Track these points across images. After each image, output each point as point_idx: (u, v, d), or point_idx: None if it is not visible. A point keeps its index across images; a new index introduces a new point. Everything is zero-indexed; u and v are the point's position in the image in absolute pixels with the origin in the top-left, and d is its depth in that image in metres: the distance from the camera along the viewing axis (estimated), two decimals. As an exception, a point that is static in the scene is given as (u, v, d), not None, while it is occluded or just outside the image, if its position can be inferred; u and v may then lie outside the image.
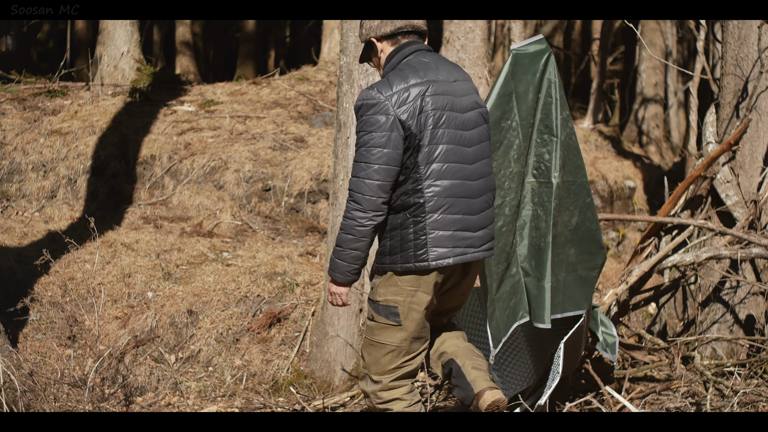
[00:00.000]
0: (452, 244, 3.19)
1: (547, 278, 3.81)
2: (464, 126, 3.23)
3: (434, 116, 3.16)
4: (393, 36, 3.33)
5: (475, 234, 3.25)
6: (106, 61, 10.43)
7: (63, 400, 5.00)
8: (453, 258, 3.19)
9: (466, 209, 3.23)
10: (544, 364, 4.37)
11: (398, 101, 3.12)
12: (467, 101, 3.27)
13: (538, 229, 3.84)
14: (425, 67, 3.21)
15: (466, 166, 3.22)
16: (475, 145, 3.27)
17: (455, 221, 3.20)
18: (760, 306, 5.32)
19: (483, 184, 3.29)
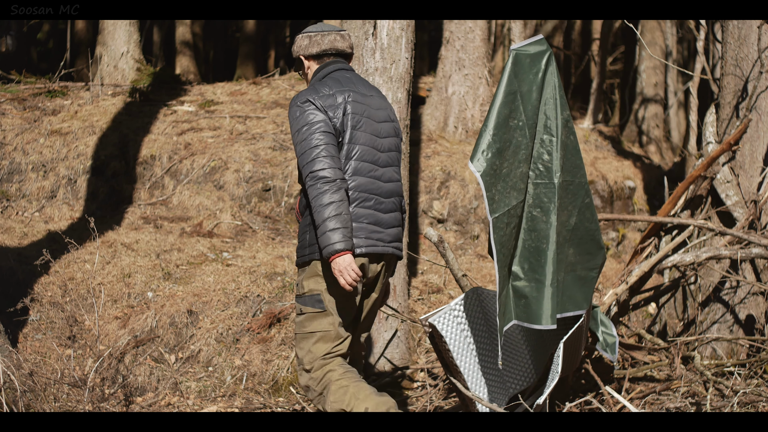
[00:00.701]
0: (364, 234, 3.48)
1: (549, 279, 3.78)
2: (378, 133, 3.62)
3: (354, 119, 3.53)
4: (319, 56, 3.72)
5: (384, 230, 3.57)
6: (106, 61, 10.43)
7: (63, 400, 5.00)
8: (365, 248, 3.47)
9: (376, 206, 3.55)
10: (544, 364, 4.37)
11: (325, 104, 3.49)
12: (381, 114, 3.67)
13: (536, 231, 3.82)
14: (346, 80, 3.61)
15: (379, 168, 3.59)
16: (386, 152, 3.64)
17: (367, 215, 3.51)
18: (760, 306, 5.32)
19: (392, 187, 3.64)
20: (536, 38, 3.85)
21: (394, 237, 3.62)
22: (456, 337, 4.12)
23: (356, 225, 3.48)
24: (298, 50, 3.74)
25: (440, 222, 8.12)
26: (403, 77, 5.56)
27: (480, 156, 3.65)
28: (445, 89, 9.08)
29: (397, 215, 3.66)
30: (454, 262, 4.51)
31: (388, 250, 3.58)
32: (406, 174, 5.65)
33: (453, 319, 4.12)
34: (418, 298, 6.42)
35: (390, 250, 3.59)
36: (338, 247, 3.36)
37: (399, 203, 3.69)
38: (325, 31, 3.71)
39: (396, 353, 5.65)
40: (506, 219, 3.71)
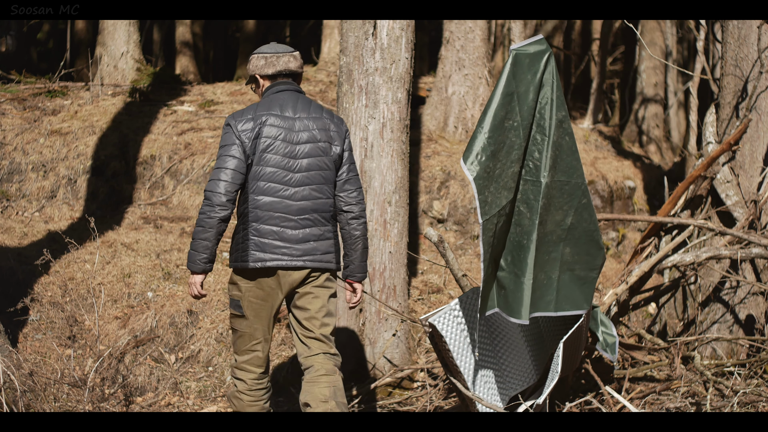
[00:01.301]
0: (269, 250, 3.86)
1: (527, 275, 3.80)
2: (294, 155, 3.90)
3: (265, 142, 3.86)
4: (273, 77, 4.04)
5: (293, 245, 3.89)
6: (106, 61, 10.43)
7: (63, 400, 5.00)
8: (269, 262, 3.85)
9: (282, 223, 3.88)
10: (545, 364, 4.37)
11: (242, 127, 3.86)
12: (303, 135, 3.93)
13: (520, 226, 3.84)
14: (278, 104, 3.94)
15: (289, 188, 3.89)
16: (303, 172, 3.92)
17: (272, 232, 3.87)
18: (760, 306, 5.32)
19: (307, 205, 3.92)
20: (536, 38, 3.85)
21: (307, 251, 3.91)
22: (456, 337, 4.12)
23: (262, 240, 3.85)
24: (254, 69, 4.06)
25: (440, 222, 8.12)
26: (403, 77, 5.56)
27: (474, 159, 3.66)
28: (445, 89, 9.08)
29: (315, 230, 3.94)
30: (454, 262, 4.51)
31: (297, 263, 3.88)
32: (406, 174, 5.66)
33: (453, 319, 4.12)
34: (418, 298, 6.42)
35: (300, 264, 3.89)
36: (193, 269, 3.92)
37: (321, 219, 3.96)
38: (279, 53, 4.02)
39: (396, 353, 5.65)
40: (496, 219, 3.73)
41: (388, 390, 5.49)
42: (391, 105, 5.53)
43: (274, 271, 3.89)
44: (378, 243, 5.55)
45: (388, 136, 5.53)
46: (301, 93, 4.03)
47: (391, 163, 5.55)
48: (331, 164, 3.98)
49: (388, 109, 5.53)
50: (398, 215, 5.60)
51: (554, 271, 3.89)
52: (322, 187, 3.96)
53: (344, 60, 5.59)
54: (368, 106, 5.52)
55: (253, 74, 4.07)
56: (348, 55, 5.57)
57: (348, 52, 5.57)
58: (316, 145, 3.94)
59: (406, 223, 5.68)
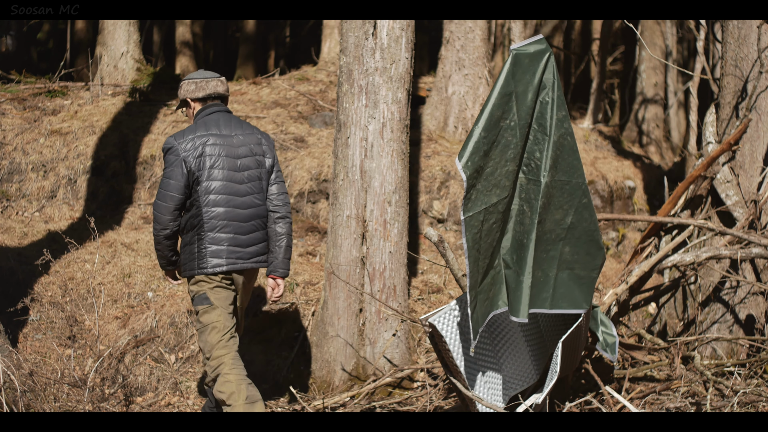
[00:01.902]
0: (225, 255, 4.27)
1: (526, 274, 3.81)
2: (237, 168, 4.34)
3: (211, 159, 4.27)
4: (203, 100, 4.45)
5: (245, 249, 4.33)
6: (106, 61, 10.43)
7: (63, 400, 5.00)
8: (226, 266, 4.27)
9: (235, 230, 4.31)
10: (545, 364, 4.37)
11: (186, 147, 4.25)
12: (242, 150, 4.38)
13: (522, 225, 3.85)
14: (215, 124, 4.36)
15: (237, 198, 4.32)
16: (246, 183, 4.37)
17: (227, 239, 4.28)
18: (760, 306, 5.33)
19: (252, 212, 4.37)
20: (536, 38, 3.85)
21: (254, 253, 4.38)
22: (456, 337, 4.12)
23: (218, 248, 4.27)
24: (185, 94, 4.45)
25: (440, 222, 8.13)
26: (403, 77, 5.56)
27: (468, 159, 3.67)
28: (445, 89, 9.09)
29: (258, 234, 4.41)
30: (454, 262, 4.51)
31: (248, 265, 4.35)
32: (406, 174, 5.66)
33: (453, 319, 4.12)
34: (418, 298, 6.42)
35: (249, 265, 4.36)
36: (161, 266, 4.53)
37: (262, 223, 4.42)
38: (208, 78, 4.45)
39: (396, 353, 5.65)
40: (482, 216, 3.73)
41: (388, 390, 5.49)
42: (391, 105, 5.53)
43: (230, 274, 4.33)
44: (378, 243, 5.56)
45: (388, 136, 5.53)
46: (230, 113, 4.49)
47: (391, 163, 5.55)
48: (265, 174, 4.46)
49: (388, 109, 5.53)
50: (398, 215, 5.61)
51: (552, 269, 3.90)
52: (261, 195, 4.43)
53: (344, 60, 5.59)
54: (368, 106, 5.52)
55: (185, 98, 4.47)
56: (348, 55, 5.57)
57: (348, 52, 5.57)
58: (254, 158, 4.41)
59: (406, 223, 5.68)
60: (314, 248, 7.20)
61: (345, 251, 5.57)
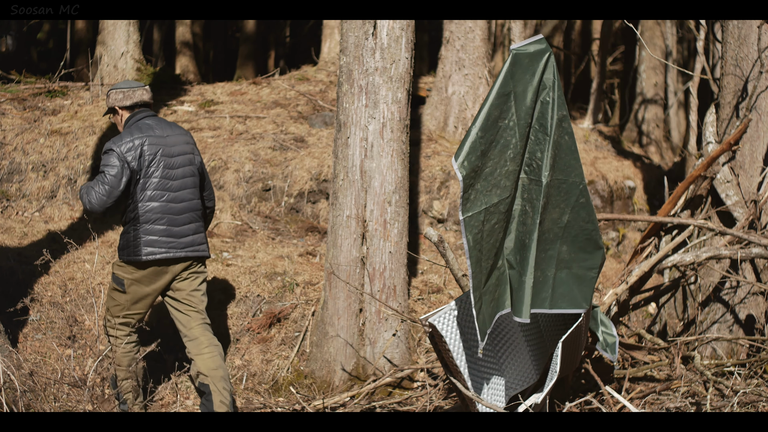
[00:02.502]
0: (159, 245, 4.71)
1: (528, 274, 3.81)
2: (172, 166, 4.79)
3: (149, 159, 4.71)
4: (131, 108, 4.87)
5: (178, 240, 4.77)
6: (106, 61, 10.43)
7: (63, 400, 5.00)
8: (159, 255, 4.70)
9: (169, 223, 4.75)
10: (545, 364, 4.37)
11: (126, 149, 4.68)
12: (177, 149, 4.83)
13: (525, 225, 3.85)
14: (146, 127, 4.79)
15: (172, 193, 4.77)
16: (180, 179, 4.81)
17: (161, 230, 4.73)
18: (760, 306, 5.33)
19: (186, 205, 4.83)
20: (536, 38, 3.85)
21: (189, 243, 4.82)
22: (456, 337, 4.12)
23: (152, 238, 4.70)
24: (114, 102, 4.86)
25: (440, 222, 8.12)
26: (403, 77, 5.56)
27: (465, 158, 3.67)
28: (445, 89, 9.09)
29: (192, 226, 4.85)
30: (454, 262, 4.51)
31: (181, 254, 4.78)
32: (406, 174, 5.66)
33: (453, 319, 4.12)
34: (418, 298, 6.42)
35: (183, 255, 4.78)
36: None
37: (195, 216, 4.88)
38: (134, 87, 4.86)
39: (396, 353, 5.65)
40: (482, 216, 3.73)
41: (388, 390, 5.49)
42: (391, 105, 5.53)
43: (162, 262, 4.75)
44: (378, 243, 5.55)
45: (388, 136, 5.53)
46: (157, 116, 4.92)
47: (391, 163, 5.55)
48: (197, 171, 4.94)
49: (388, 109, 5.53)
50: (398, 215, 5.60)
51: (550, 268, 3.90)
52: (194, 190, 4.89)
53: (344, 60, 5.59)
54: (368, 106, 5.52)
55: (113, 106, 4.89)
56: (348, 55, 5.57)
57: (348, 52, 5.57)
58: (186, 156, 4.87)
59: (406, 223, 5.68)
60: (314, 248, 7.20)
61: (345, 251, 5.57)
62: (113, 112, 4.94)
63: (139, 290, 4.80)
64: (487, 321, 3.82)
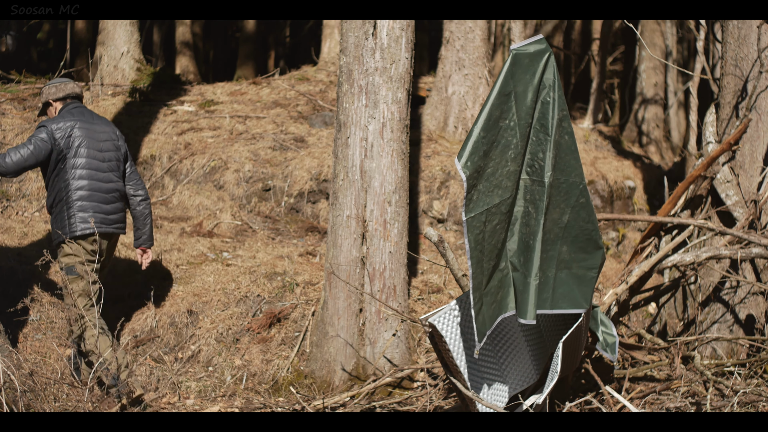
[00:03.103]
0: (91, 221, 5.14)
1: (533, 275, 3.81)
2: (99, 149, 5.29)
3: (78, 141, 5.19)
4: (63, 99, 5.36)
5: (107, 216, 5.25)
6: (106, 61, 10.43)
7: (63, 400, 5.00)
8: (90, 230, 5.14)
9: (99, 200, 5.22)
10: (545, 364, 4.37)
11: (57, 128, 5.14)
12: (103, 135, 5.33)
13: (528, 226, 3.85)
14: (79, 114, 5.29)
15: (100, 173, 5.26)
16: (107, 162, 5.31)
17: (92, 206, 5.18)
18: (760, 306, 5.33)
19: (112, 186, 5.31)
20: (536, 38, 3.85)
21: (115, 221, 5.32)
22: (456, 337, 4.12)
23: (83, 214, 5.14)
24: (47, 96, 5.35)
25: (440, 222, 8.13)
26: (403, 77, 5.56)
27: (468, 159, 3.67)
28: (445, 89, 9.09)
29: (118, 205, 5.35)
30: (454, 262, 4.51)
31: (110, 230, 5.28)
32: (406, 174, 5.66)
33: (453, 319, 4.12)
34: (418, 298, 6.42)
35: (112, 230, 5.30)
36: None
37: (120, 196, 5.37)
38: (65, 81, 5.38)
39: (396, 353, 5.65)
40: (484, 217, 3.73)
41: (388, 390, 5.49)
42: (391, 105, 5.53)
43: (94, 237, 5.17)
44: (378, 243, 5.55)
45: (388, 136, 5.53)
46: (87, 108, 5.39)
47: (391, 163, 5.55)
48: (122, 158, 5.43)
49: (388, 109, 5.53)
50: (398, 215, 5.61)
51: (551, 269, 3.90)
52: (119, 173, 5.38)
53: (344, 60, 5.59)
54: (368, 106, 5.52)
55: (47, 100, 5.36)
56: (348, 55, 5.57)
57: (348, 52, 5.57)
58: (113, 142, 5.37)
59: (406, 223, 5.68)
60: (314, 248, 7.20)
61: (345, 251, 5.57)
62: (47, 105, 5.39)
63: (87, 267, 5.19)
64: (487, 323, 3.82)
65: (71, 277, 5.16)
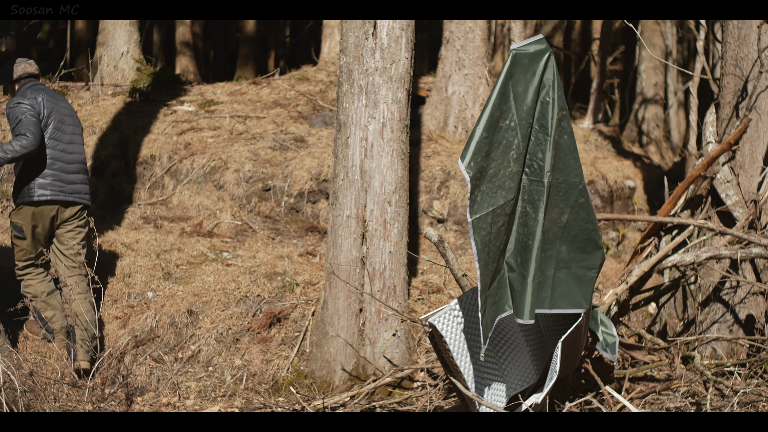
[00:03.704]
0: (50, 188, 5.40)
1: (531, 275, 3.81)
2: (63, 122, 5.56)
3: (47, 113, 5.47)
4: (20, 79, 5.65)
5: (67, 185, 5.48)
6: (106, 61, 10.43)
7: (63, 400, 5.00)
8: (49, 197, 5.39)
9: (61, 170, 5.47)
10: (545, 364, 4.37)
11: (29, 99, 5.42)
12: (66, 111, 5.62)
13: (526, 227, 3.85)
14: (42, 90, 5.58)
15: (63, 144, 5.53)
16: (70, 134, 5.59)
17: (53, 175, 5.43)
18: (760, 306, 5.33)
19: (75, 157, 5.59)
20: (536, 38, 3.85)
21: (77, 190, 5.55)
22: (456, 337, 4.12)
23: (43, 181, 5.38)
24: (5, 77, 5.65)
25: (440, 222, 8.13)
26: (403, 77, 5.56)
27: (471, 159, 3.67)
28: (445, 89, 9.09)
29: (81, 176, 5.60)
30: (454, 262, 4.51)
31: (70, 199, 5.48)
32: (406, 174, 5.66)
33: (453, 319, 4.12)
34: (418, 298, 6.42)
35: (71, 199, 5.49)
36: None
37: (83, 168, 5.65)
38: (21, 62, 5.67)
39: (396, 353, 5.65)
40: (490, 218, 3.72)
41: (388, 390, 5.49)
42: (391, 105, 5.53)
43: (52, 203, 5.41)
44: (378, 243, 5.55)
45: (388, 136, 5.53)
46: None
47: (391, 163, 5.55)
48: (81, 132, 5.73)
49: (388, 109, 5.53)
50: (398, 215, 5.61)
51: (550, 268, 3.90)
52: (80, 146, 5.67)
53: (344, 60, 5.59)
54: (368, 106, 5.52)
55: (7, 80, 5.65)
56: (348, 55, 5.57)
57: (348, 52, 5.57)
58: (73, 117, 5.68)
59: (406, 223, 5.68)
60: (314, 248, 7.20)
61: (345, 251, 5.57)
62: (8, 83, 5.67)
63: (36, 232, 5.45)
64: (489, 325, 3.82)
65: (17, 233, 5.45)
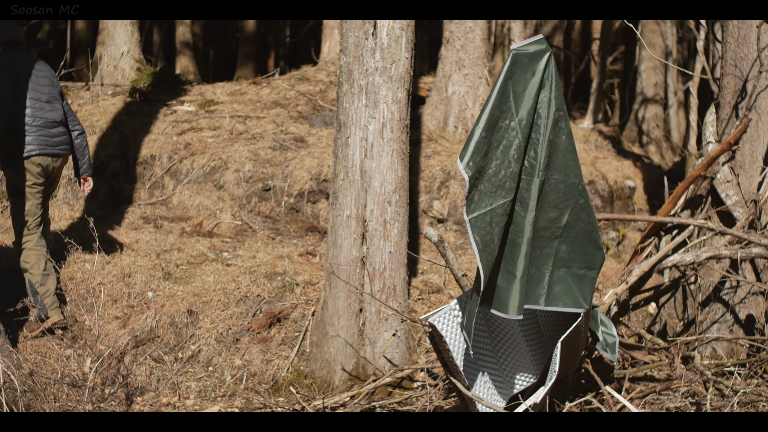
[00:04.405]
0: (37, 143, 5.74)
1: (519, 271, 3.80)
2: (40, 83, 5.86)
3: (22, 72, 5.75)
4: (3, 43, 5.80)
5: (52, 139, 5.83)
6: (106, 61, 10.43)
7: (63, 400, 5.00)
8: (38, 152, 5.74)
9: (44, 125, 5.80)
10: (544, 364, 4.38)
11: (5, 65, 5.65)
12: (43, 72, 5.91)
13: (515, 224, 3.84)
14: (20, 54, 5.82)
15: (42, 102, 5.83)
16: (47, 94, 5.87)
17: (38, 130, 5.76)
18: (760, 306, 5.33)
19: (54, 114, 5.88)
20: (536, 38, 3.85)
21: (60, 143, 5.89)
22: (456, 337, 4.12)
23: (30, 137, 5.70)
24: None
25: (440, 222, 8.13)
26: (403, 77, 5.56)
27: (470, 159, 3.67)
28: (445, 89, 9.09)
29: (61, 129, 5.92)
30: (454, 262, 4.51)
31: (55, 151, 5.85)
32: (406, 174, 5.66)
33: (453, 319, 4.13)
34: (418, 298, 6.43)
35: (56, 151, 5.86)
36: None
37: (63, 123, 5.94)
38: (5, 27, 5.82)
39: (396, 353, 5.65)
40: (489, 218, 3.72)
41: (388, 390, 5.49)
42: (391, 105, 5.53)
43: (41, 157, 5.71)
44: (378, 243, 5.56)
45: (388, 136, 5.53)
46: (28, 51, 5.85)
47: (391, 163, 5.55)
48: (60, 94, 6.00)
49: (388, 108, 5.53)
50: (398, 215, 5.61)
51: (546, 266, 3.90)
52: (59, 104, 5.95)
53: (344, 60, 5.59)
54: (368, 106, 5.52)
55: None
56: (348, 55, 5.57)
57: (348, 52, 5.57)
58: (51, 78, 5.98)
59: (406, 223, 5.68)
60: (314, 248, 7.20)
61: (345, 251, 5.57)
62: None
63: (33, 189, 5.75)
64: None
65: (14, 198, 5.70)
